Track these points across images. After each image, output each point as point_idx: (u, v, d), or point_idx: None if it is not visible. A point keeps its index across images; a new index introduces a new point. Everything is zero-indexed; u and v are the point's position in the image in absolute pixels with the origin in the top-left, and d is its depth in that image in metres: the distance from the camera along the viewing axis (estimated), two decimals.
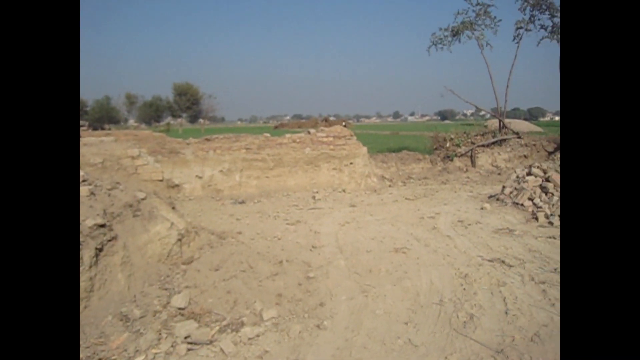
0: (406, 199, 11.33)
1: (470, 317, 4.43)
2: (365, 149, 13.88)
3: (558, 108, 18.58)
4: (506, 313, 4.49)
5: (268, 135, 13.43)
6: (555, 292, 4.92)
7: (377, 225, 8.35)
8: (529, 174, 10.18)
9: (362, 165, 13.56)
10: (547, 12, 19.05)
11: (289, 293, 5.02)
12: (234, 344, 3.99)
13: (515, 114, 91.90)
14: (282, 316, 4.53)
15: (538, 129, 37.59)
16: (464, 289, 5.14)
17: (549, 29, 19.16)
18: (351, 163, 13.40)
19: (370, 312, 4.65)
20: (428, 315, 4.53)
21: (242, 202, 11.19)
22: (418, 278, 5.50)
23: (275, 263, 5.90)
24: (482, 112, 21.35)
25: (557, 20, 18.83)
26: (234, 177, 12.52)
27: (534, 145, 18.87)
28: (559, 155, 15.38)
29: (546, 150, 18.44)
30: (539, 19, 19.32)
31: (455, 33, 19.40)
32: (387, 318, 4.50)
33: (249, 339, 4.09)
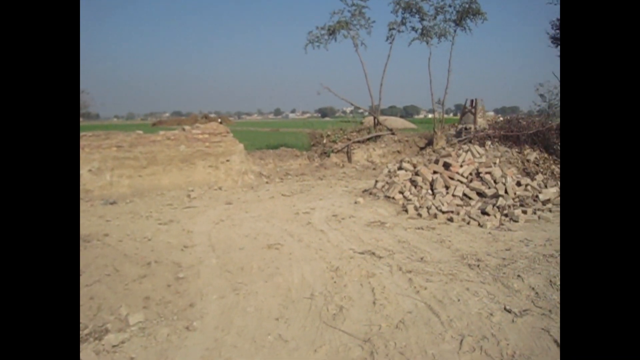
0: (282, 195, 11.32)
1: (340, 309, 4.46)
2: (241, 145, 13.68)
3: (431, 106, 19.48)
4: (374, 303, 4.59)
5: (141, 132, 12.77)
6: (420, 280, 5.12)
7: (252, 222, 8.23)
8: (400, 168, 10.61)
9: (239, 163, 13.35)
10: (417, 15, 20.10)
11: (157, 295, 4.77)
12: (96, 354, 3.69)
13: (392, 111, 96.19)
14: (149, 320, 4.27)
15: (412, 125, 39.71)
16: (335, 282, 5.18)
17: (419, 31, 20.23)
18: (228, 160, 13.13)
19: (241, 310, 4.52)
20: (299, 310, 4.49)
21: (114, 203, 10.51)
22: (290, 273, 5.46)
23: (143, 265, 5.59)
24: (361, 110, 21.98)
25: (427, 23, 19.95)
26: (105, 177, 11.74)
27: (407, 141, 19.83)
28: (429, 150, 16.23)
29: (418, 146, 19.44)
30: (410, 22, 20.32)
31: (332, 32, 19.81)
32: (258, 315, 4.40)
33: (113, 346, 3.81)
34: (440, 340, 3.86)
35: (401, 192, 9.53)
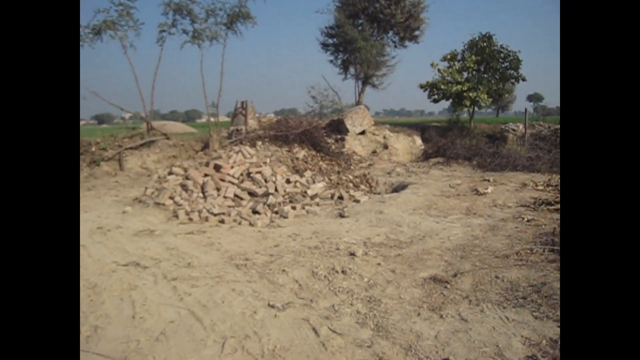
0: None
1: (95, 330, 4.04)
2: None
3: (204, 108, 19.27)
4: (133, 317, 4.26)
5: None
6: (185, 287, 4.93)
7: None
8: (170, 173, 10.24)
9: None
10: (188, 18, 19.70)
11: None
12: None
13: (173, 116, 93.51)
14: None
15: (193, 129, 39.02)
16: (91, 300, 4.70)
17: (190, 33, 19.86)
18: None
19: None
20: None
21: None
22: None
23: None
24: (143, 115, 20.78)
25: (198, 25, 19.69)
26: None
27: (182, 145, 19.33)
28: (200, 154, 16.05)
29: (194, 150, 19.09)
30: (181, 24, 19.82)
31: (97, 32, 18.34)
32: None
33: None
34: (202, 346, 3.73)
35: (172, 198, 9.19)
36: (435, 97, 20.14)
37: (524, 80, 20.50)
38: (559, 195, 9.37)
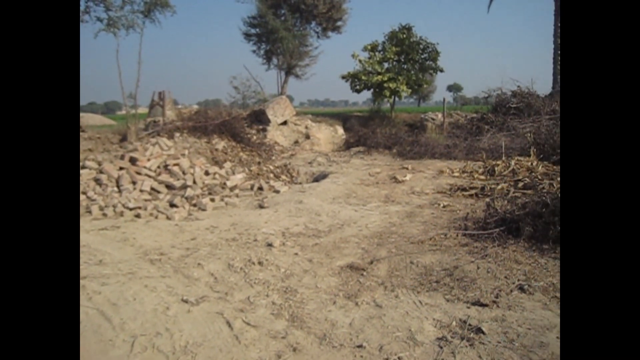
0: None
1: None
2: None
3: (132, 100, 18.25)
4: None
5: None
6: (95, 285, 4.72)
7: None
8: (83, 167, 9.77)
9: None
10: (102, 5, 18.80)
11: None
12: None
13: (91, 107, 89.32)
14: None
15: (111, 122, 37.51)
16: None
17: (105, 21, 18.97)
18: None
19: None
20: None
21: None
22: None
23: None
24: None
25: (113, 13, 18.84)
26: None
27: (99, 138, 18.52)
28: (115, 146, 15.45)
29: (112, 142, 18.33)
30: (94, 11, 18.89)
31: None
32: None
33: None
34: (111, 346, 3.58)
35: (84, 193, 8.77)
36: (357, 87, 20.44)
37: (442, 71, 21.20)
38: (487, 182, 9.77)
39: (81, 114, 22.97)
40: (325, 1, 24.94)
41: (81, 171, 9.56)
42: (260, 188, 9.81)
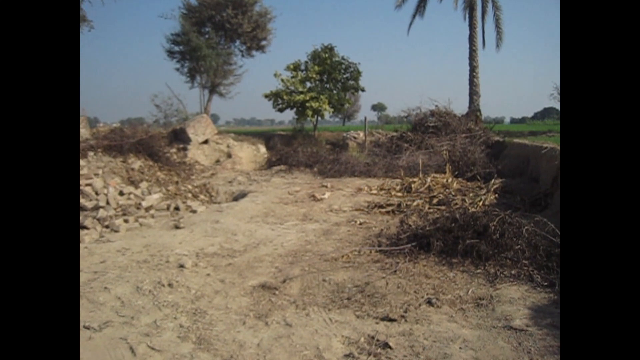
0: None
1: None
2: None
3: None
4: None
5: None
6: None
7: None
8: None
9: None
10: None
11: None
12: None
13: None
14: None
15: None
16: None
17: None
18: None
19: None
20: None
21: None
22: None
23: None
24: None
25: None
26: None
27: None
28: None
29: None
30: None
31: None
32: None
33: None
34: None
35: None
36: (280, 106, 20.54)
37: (363, 90, 21.74)
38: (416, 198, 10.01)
39: None
40: (250, 20, 24.97)
41: None
42: (177, 208, 9.58)
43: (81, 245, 7.10)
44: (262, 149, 19.03)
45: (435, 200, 9.60)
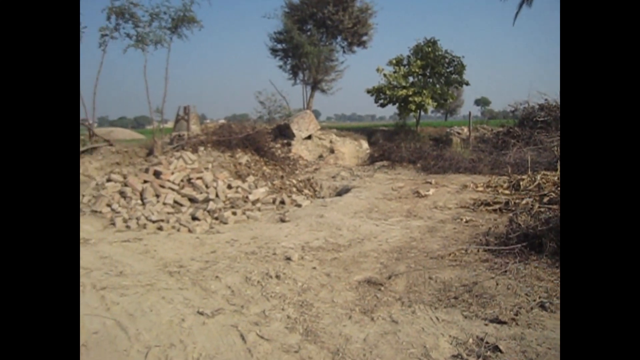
0: None
1: None
2: None
3: (161, 115, 18.65)
4: None
5: None
6: (114, 296, 4.77)
7: None
8: (108, 180, 9.96)
9: None
10: (130, 22, 19.25)
11: None
12: None
13: (122, 122, 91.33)
14: None
15: (141, 136, 38.21)
16: None
17: (134, 37, 19.41)
18: None
19: None
20: None
21: None
22: None
23: None
24: (85, 122, 20.10)
25: (141, 29, 19.28)
26: None
27: (126, 152, 18.86)
28: (140, 160, 15.73)
29: (139, 156, 18.65)
30: (123, 28, 19.35)
31: None
32: None
33: None
34: (125, 356, 3.61)
35: (109, 205, 8.92)
36: (382, 101, 20.42)
37: (467, 84, 21.05)
38: (512, 196, 9.62)
39: (111, 129, 23.49)
40: (351, 17, 25.05)
41: (106, 184, 9.74)
42: (282, 202, 9.84)
43: (193, 236, 7.51)
44: (365, 144, 19.03)
45: (546, 199, 9.06)
